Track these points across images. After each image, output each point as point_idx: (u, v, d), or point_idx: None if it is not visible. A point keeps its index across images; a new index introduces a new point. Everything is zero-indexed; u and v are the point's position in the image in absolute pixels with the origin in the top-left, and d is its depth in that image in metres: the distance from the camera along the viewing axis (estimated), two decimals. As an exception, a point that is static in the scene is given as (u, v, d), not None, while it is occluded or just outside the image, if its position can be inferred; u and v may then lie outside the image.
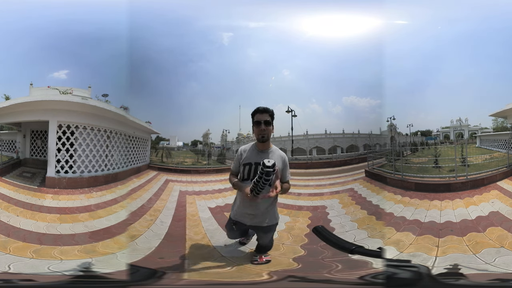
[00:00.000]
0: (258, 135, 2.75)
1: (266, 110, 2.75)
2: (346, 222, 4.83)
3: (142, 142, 10.74)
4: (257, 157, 2.75)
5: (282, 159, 2.83)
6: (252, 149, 2.85)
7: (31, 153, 9.16)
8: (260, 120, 2.71)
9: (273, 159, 2.47)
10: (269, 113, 2.75)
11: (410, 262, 3.12)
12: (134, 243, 4.06)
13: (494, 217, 4.37)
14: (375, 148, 10.99)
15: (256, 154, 2.79)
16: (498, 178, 6.25)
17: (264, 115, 2.73)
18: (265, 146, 2.81)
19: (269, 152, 2.82)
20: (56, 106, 7.04)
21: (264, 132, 2.71)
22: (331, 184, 7.92)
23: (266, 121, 2.71)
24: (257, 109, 2.76)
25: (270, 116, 2.75)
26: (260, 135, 2.73)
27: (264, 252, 3.22)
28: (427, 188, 6.12)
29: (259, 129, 2.71)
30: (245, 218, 2.94)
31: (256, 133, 2.75)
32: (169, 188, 8.03)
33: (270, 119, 2.75)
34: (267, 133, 2.73)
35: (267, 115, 2.73)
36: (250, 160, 2.79)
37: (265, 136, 2.73)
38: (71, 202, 5.96)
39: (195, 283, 2.83)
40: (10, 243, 3.70)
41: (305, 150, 11.91)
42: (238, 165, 2.88)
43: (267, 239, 3.12)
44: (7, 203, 5.36)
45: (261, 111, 2.74)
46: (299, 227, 4.65)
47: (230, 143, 14.38)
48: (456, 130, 12.22)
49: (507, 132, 9.39)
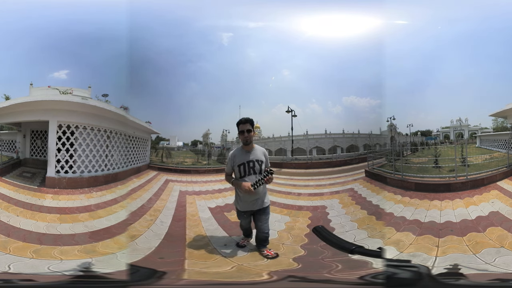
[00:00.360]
0: (243, 140, 3.53)
1: (247, 120, 3.50)
2: (346, 222, 4.83)
3: (142, 142, 10.74)
4: (246, 157, 3.53)
5: (264, 153, 3.65)
6: (240, 152, 3.59)
7: (31, 153, 9.16)
8: (243, 129, 3.49)
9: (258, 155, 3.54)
10: (250, 123, 3.52)
11: (410, 262, 3.12)
12: (134, 243, 4.06)
13: (494, 217, 4.37)
14: (375, 148, 10.99)
15: (245, 155, 3.55)
16: (498, 178, 6.25)
17: (246, 125, 3.49)
18: (249, 147, 3.58)
19: (254, 151, 3.58)
20: (56, 106, 7.04)
21: (247, 138, 3.50)
22: (331, 184, 7.92)
23: (248, 129, 3.49)
24: (240, 121, 3.52)
25: (250, 125, 3.52)
26: (244, 140, 3.52)
27: (266, 243, 3.66)
28: (427, 188, 6.12)
29: (243, 136, 3.50)
30: (251, 205, 3.55)
31: (242, 139, 3.54)
32: (169, 188, 8.03)
33: (251, 127, 3.52)
34: (249, 138, 3.51)
35: (248, 125, 3.50)
36: (243, 160, 3.52)
37: (248, 140, 3.51)
38: (71, 202, 5.96)
39: (195, 283, 2.84)
40: (10, 243, 3.71)
41: (305, 150, 11.91)
42: (232, 167, 3.59)
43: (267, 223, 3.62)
44: (7, 203, 5.36)
45: (243, 122, 3.50)
46: (299, 227, 4.65)
47: (230, 143, 14.37)
48: (456, 130, 12.22)
49: (507, 132, 9.39)
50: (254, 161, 3.50)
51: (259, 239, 3.65)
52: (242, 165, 3.50)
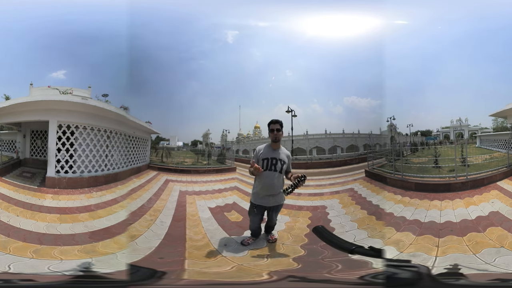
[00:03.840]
0: (273, 138, 3.75)
1: (277, 121, 3.78)
2: (346, 222, 4.83)
3: (142, 142, 10.74)
4: (271, 154, 3.75)
5: (288, 156, 3.87)
6: (267, 148, 3.81)
7: (31, 153, 9.16)
8: (273, 128, 3.74)
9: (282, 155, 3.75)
10: (279, 123, 3.78)
11: (410, 262, 3.12)
12: (134, 243, 4.06)
13: (494, 217, 4.37)
14: (375, 148, 10.98)
15: (271, 152, 3.77)
16: (498, 178, 6.25)
17: (276, 124, 3.75)
18: (277, 146, 3.80)
19: (279, 150, 3.79)
20: (56, 106, 7.03)
21: (276, 136, 3.73)
22: (331, 184, 7.92)
23: (277, 128, 3.73)
24: (271, 121, 3.79)
25: (280, 125, 3.78)
26: (274, 137, 3.75)
27: (272, 230, 4.12)
28: (427, 188, 6.12)
29: (273, 134, 3.73)
30: (267, 200, 3.75)
31: (271, 137, 3.77)
32: (169, 188, 8.03)
33: (280, 127, 3.76)
34: (278, 136, 3.74)
35: (278, 125, 3.76)
36: (267, 156, 3.74)
37: (277, 138, 3.75)
38: (71, 202, 5.96)
39: (195, 283, 2.83)
40: (10, 243, 3.70)
41: (305, 150, 11.90)
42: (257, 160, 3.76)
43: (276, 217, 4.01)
44: (7, 203, 5.35)
45: (274, 122, 3.77)
46: (299, 227, 4.65)
47: (230, 143, 14.38)
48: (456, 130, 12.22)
49: (507, 132, 9.39)
50: (277, 159, 3.71)
51: (268, 226, 4.09)
52: (266, 160, 3.71)
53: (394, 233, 4.15)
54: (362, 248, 2.11)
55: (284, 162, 3.74)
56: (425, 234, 3.95)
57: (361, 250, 2.09)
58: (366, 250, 2.10)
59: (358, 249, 2.08)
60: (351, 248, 2.09)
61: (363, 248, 2.11)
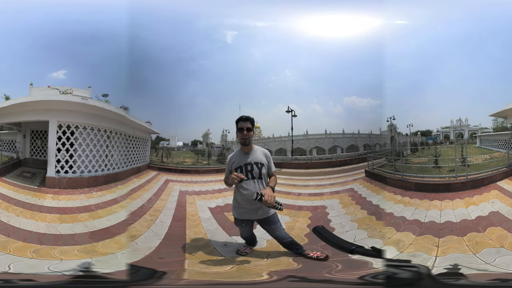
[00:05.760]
0: (241, 139, 3.20)
1: (247, 118, 3.19)
2: (346, 222, 4.82)
3: (142, 142, 10.74)
4: (243, 160, 3.21)
5: (265, 155, 3.31)
6: (238, 154, 3.29)
7: (31, 153, 9.16)
8: (242, 127, 3.16)
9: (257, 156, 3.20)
10: (250, 121, 3.20)
11: (410, 262, 3.11)
12: (134, 243, 4.06)
13: (494, 217, 4.37)
14: (375, 148, 10.98)
15: (242, 157, 3.24)
16: (498, 178, 6.25)
17: (246, 122, 3.17)
18: (248, 148, 3.26)
19: (253, 152, 3.26)
20: (56, 106, 7.03)
21: (246, 137, 3.17)
22: (331, 184, 7.91)
23: (247, 127, 3.16)
24: (240, 118, 3.20)
25: (251, 123, 3.20)
26: (243, 139, 3.19)
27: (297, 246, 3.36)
28: (427, 188, 6.12)
29: (242, 134, 3.17)
30: (251, 214, 3.24)
31: (240, 138, 3.21)
32: (169, 188, 8.03)
33: (251, 126, 3.20)
34: (248, 137, 3.18)
35: (249, 123, 3.18)
36: (240, 163, 3.21)
37: (247, 140, 3.19)
38: (71, 202, 5.96)
39: (195, 283, 2.83)
40: (10, 243, 3.70)
41: (305, 150, 11.90)
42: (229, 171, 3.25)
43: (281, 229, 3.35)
44: (7, 203, 5.35)
45: (244, 119, 3.18)
46: (299, 227, 4.64)
47: (230, 143, 14.38)
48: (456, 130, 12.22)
49: (507, 132, 9.39)
50: (252, 163, 3.17)
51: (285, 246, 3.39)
52: (239, 169, 3.17)
53: (394, 233, 4.15)
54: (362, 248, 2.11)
55: (262, 164, 3.19)
56: (425, 234, 3.95)
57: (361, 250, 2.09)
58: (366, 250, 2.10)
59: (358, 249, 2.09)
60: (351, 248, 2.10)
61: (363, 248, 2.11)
